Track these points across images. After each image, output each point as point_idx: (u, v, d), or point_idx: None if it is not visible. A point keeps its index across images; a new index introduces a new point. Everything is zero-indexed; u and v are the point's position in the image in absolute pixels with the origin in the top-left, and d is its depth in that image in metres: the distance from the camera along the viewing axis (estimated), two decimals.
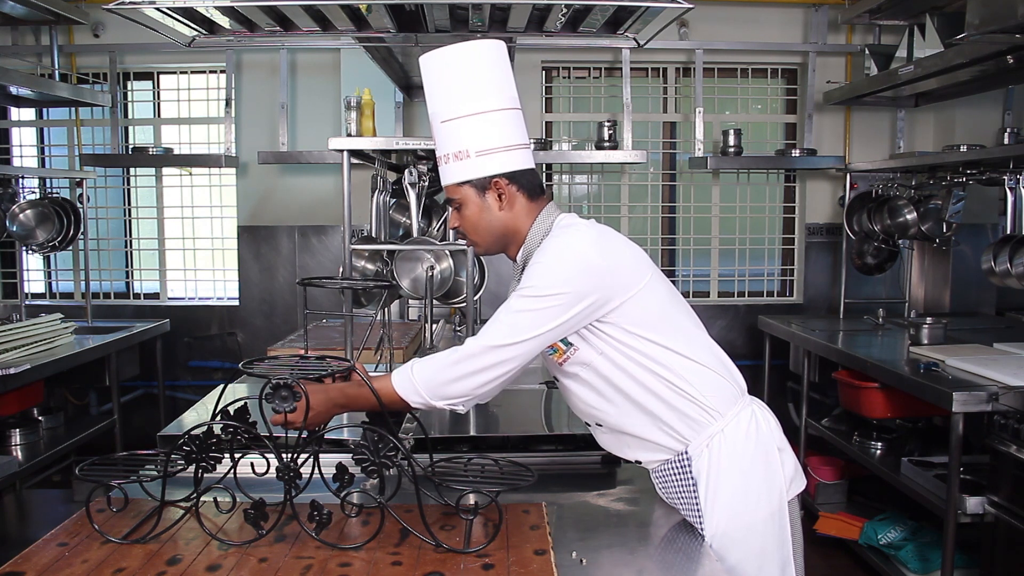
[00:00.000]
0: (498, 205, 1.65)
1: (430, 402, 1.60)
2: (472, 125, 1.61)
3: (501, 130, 1.63)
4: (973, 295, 4.50)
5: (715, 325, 4.99)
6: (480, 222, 1.67)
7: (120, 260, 5.21)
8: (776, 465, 1.68)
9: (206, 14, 2.29)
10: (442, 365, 1.59)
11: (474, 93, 1.61)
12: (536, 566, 1.42)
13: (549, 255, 1.59)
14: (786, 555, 1.67)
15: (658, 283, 1.66)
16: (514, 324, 1.56)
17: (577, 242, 1.59)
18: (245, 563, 1.44)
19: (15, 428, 3.73)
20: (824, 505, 3.97)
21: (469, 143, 1.61)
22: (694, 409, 1.64)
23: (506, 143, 1.63)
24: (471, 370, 1.57)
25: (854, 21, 4.68)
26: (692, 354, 1.65)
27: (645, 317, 1.61)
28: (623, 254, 1.63)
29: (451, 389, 1.59)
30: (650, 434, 1.68)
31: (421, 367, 1.61)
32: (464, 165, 1.62)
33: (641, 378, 1.62)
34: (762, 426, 1.69)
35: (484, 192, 1.64)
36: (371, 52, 3.14)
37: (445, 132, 1.64)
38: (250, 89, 4.87)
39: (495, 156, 1.62)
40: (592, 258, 1.57)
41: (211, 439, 1.61)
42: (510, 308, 1.58)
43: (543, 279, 1.56)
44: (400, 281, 2.77)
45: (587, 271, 1.56)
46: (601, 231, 1.65)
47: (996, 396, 2.72)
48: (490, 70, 1.64)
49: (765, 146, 5.12)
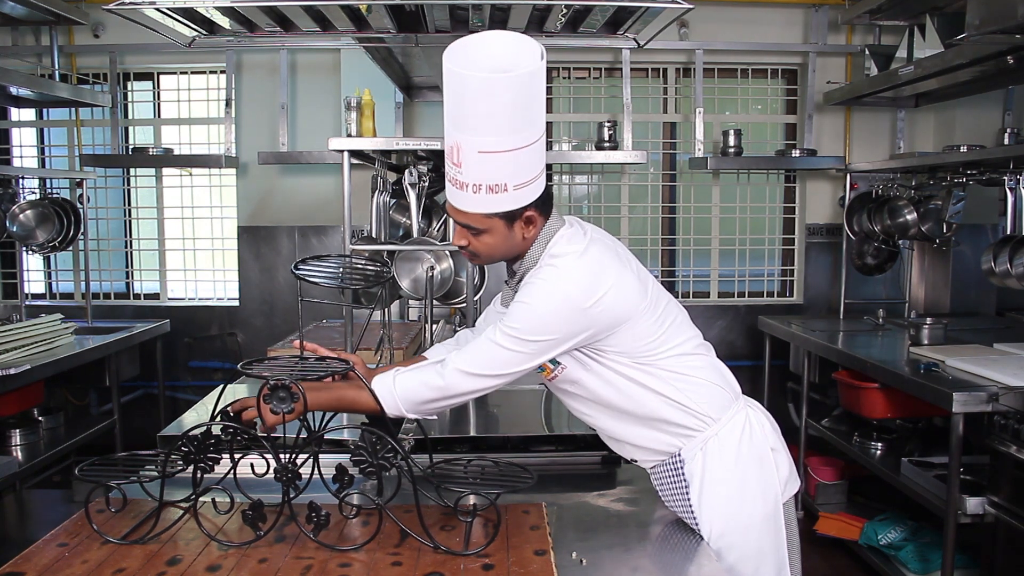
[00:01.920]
0: (523, 232, 1.57)
1: (406, 414, 1.62)
2: (515, 158, 1.47)
3: (539, 159, 1.52)
4: (973, 295, 4.50)
5: (715, 325, 4.99)
6: (499, 247, 1.59)
7: (120, 260, 5.21)
8: (770, 467, 1.68)
9: (206, 14, 2.29)
10: (424, 386, 1.59)
11: (522, 123, 1.45)
12: (536, 566, 1.42)
13: (536, 297, 1.52)
14: (782, 557, 1.67)
15: (652, 308, 1.60)
16: (496, 358, 1.55)
17: (565, 284, 1.52)
18: (245, 563, 1.44)
19: (15, 428, 3.72)
20: (824, 505, 3.97)
21: (509, 177, 1.48)
22: (687, 418, 1.64)
23: (541, 169, 1.53)
24: (450, 394, 1.59)
25: (854, 21, 4.68)
26: (686, 369, 1.64)
27: (636, 344, 1.59)
28: (614, 290, 1.53)
29: (429, 408, 1.63)
30: (644, 440, 1.69)
31: (403, 382, 1.61)
32: (499, 198, 1.50)
33: (632, 393, 1.63)
34: (756, 429, 1.69)
35: (513, 222, 1.55)
36: (371, 52, 3.14)
37: (480, 161, 1.46)
38: (250, 89, 4.87)
39: (530, 186, 1.52)
40: (580, 302, 1.51)
41: (209, 440, 1.61)
42: (495, 341, 1.54)
43: (529, 323, 1.52)
44: (400, 281, 2.77)
45: (574, 316, 1.51)
46: (591, 263, 1.55)
47: (996, 396, 2.72)
48: (538, 91, 1.46)
49: (765, 146, 5.12)
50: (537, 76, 1.44)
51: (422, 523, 1.51)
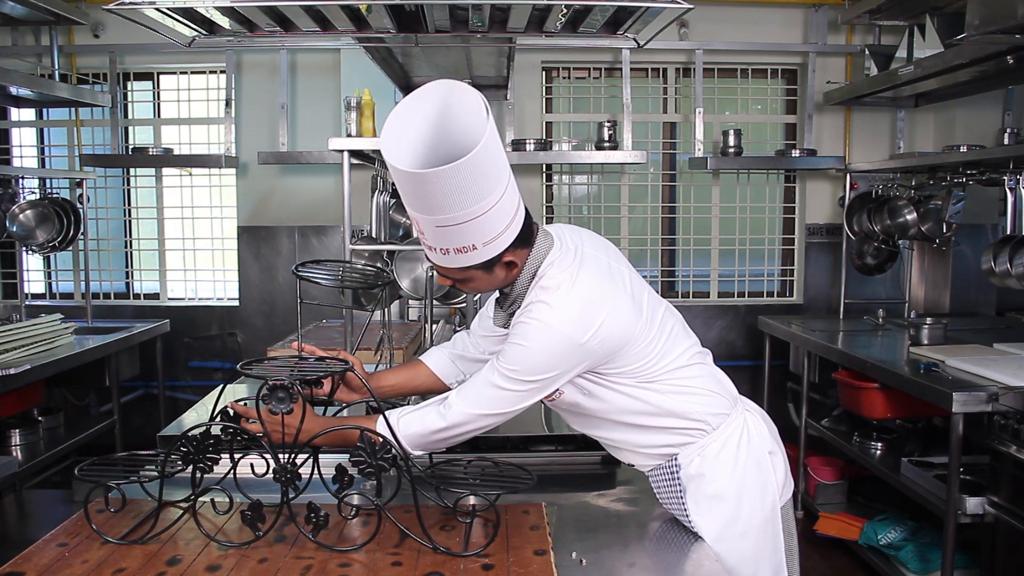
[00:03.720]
0: (505, 272, 1.53)
1: (412, 452, 1.61)
2: (477, 223, 1.40)
3: (507, 211, 1.44)
4: (973, 295, 4.50)
5: (715, 325, 4.99)
6: (484, 287, 1.57)
7: (120, 260, 5.21)
8: (768, 472, 1.68)
9: (206, 14, 2.29)
10: (428, 428, 1.58)
11: (478, 194, 1.36)
12: (536, 566, 1.42)
13: (531, 339, 1.48)
14: (779, 561, 1.67)
15: (647, 326, 1.56)
16: (496, 398, 1.55)
17: (559, 323, 1.47)
18: (244, 564, 1.44)
19: (15, 428, 3.73)
20: (824, 505, 3.97)
21: (475, 238, 1.42)
22: (685, 426, 1.64)
23: (508, 219, 1.45)
24: (454, 434, 1.59)
25: (854, 21, 4.68)
26: (684, 382, 1.63)
27: (634, 364, 1.57)
28: (609, 319, 1.49)
29: (434, 446, 1.64)
30: (641, 447, 1.70)
31: (408, 423, 1.59)
32: (469, 256, 1.46)
33: (630, 407, 1.63)
34: (753, 433, 1.69)
35: (492, 268, 1.50)
36: (371, 52, 3.14)
37: (441, 232, 1.42)
38: (250, 89, 4.88)
39: (503, 236, 1.46)
40: (576, 338, 1.47)
41: (209, 440, 1.60)
42: (494, 383, 1.54)
43: (525, 364, 1.50)
44: (400, 281, 2.77)
45: (570, 351, 1.49)
46: (583, 293, 1.49)
47: (996, 396, 2.72)
48: (490, 154, 1.36)
49: (765, 146, 5.12)
50: (487, 145, 1.34)
51: (421, 523, 1.51)
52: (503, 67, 3.75)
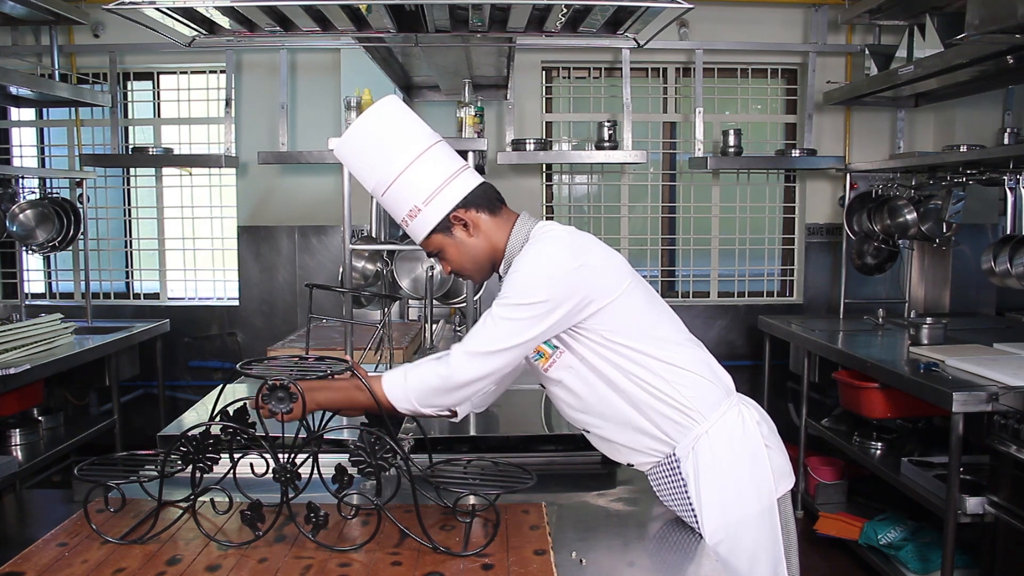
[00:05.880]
0: (467, 234, 1.68)
1: (420, 410, 1.63)
2: (406, 182, 1.63)
3: (434, 169, 1.65)
4: (973, 295, 4.50)
5: (715, 325, 4.99)
6: (462, 257, 1.70)
7: (120, 260, 5.21)
8: (763, 463, 1.69)
9: (206, 14, 2.29)
10: (432, 376, 1.61)
11: (393, 153, 1.64)
12: (536, 566, 1.42)
13: (526, 263, 1.60)
14: (778, 554, 1.68)
15: (637, 289, 1.67)
16: (497, 333, 1.58)
17: (553, 248, 1.61)
18: (244, 563, 1.44)
19: (15, 428, 3.72)
20: (824, 505, 3.97)
21: (413, 198, 1.64)
22: (677, 414, 1.65)
23: (444, 176, 1.65)
24: (457, 382, 1.59)
25: (854, 21, 4.68)
26: (674, 359, 1.66)
27: (625, 323, 1.63)
28: (600, 258, 1.64)
29: (441, 400, 1.63)
30: (636, 442, 1.70)
31: (415, 376, 1.62)
32: (420, 220, 1.65)
33: (622, 385, 1.64)
34: (749, 425, 1.70)
35: (450, 231, 1.67)
36: (371, 52, 3.14)
37: (389, 201, 1.67)
38: (250, 89, 4.88)
39: (441, 195, 1.64)
40: (568, 263, 1.58)
41: (208, 440, 1.61)
42: (493, 316, 1.59)
43: (522, 288, 1.57)
44: (400, 281, 2.77)
45: (565, 276, 1.57)
46: (577, 236, 1.67)
47: (996, 396, 2.72)
48: (397, 126, 1.67)
49: (765, 146, 5.12)
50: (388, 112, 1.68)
51: (421, 523, 1.51)
52: (503, 67, 3.75)
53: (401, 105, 1.71)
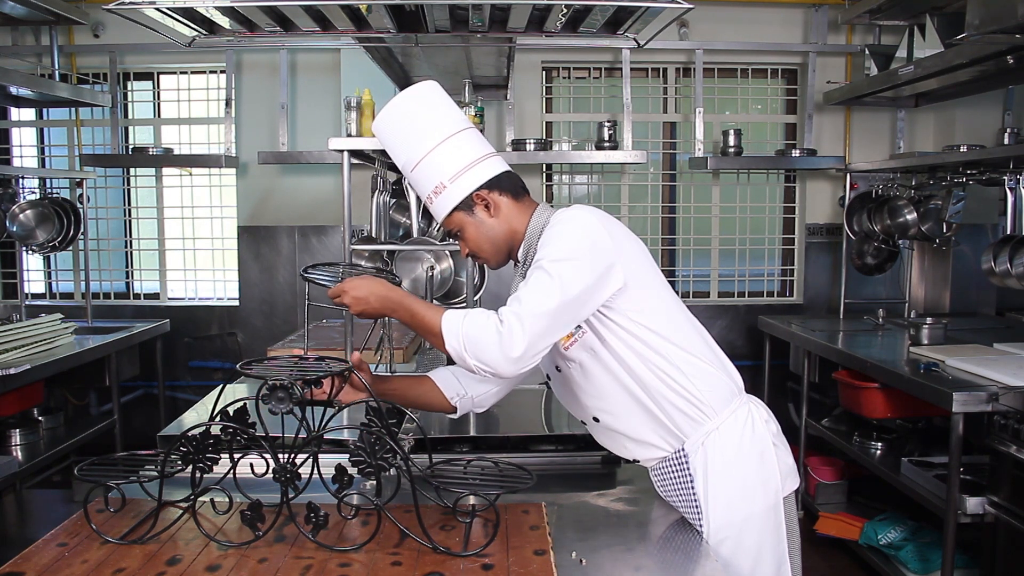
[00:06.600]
0: (487, 215, 1.71)
1: (464, 356, 1.55)
2: (435, 159, 1.68)
3: (462, 150, 1.70)
4: (973, 295, 4.50)
5: (715, 325, 4.99)
6: (480, 237, 1.72)
7: (120, 260, 5.21)
8: (771, 462, 1.69)
9: (206, 14, 2.29)
10: (486, 326, 1.54)
11: (426, 132, 1.69)
12: (536, 566, 1.42)
13: (559, 229, 1.62)
14: (781, 552, 1.68)
15: (659, 276, 1.71)
16: (533, 296, 1.53)
17: (583, 217, 1.63)
18: (244, 563, 1.44)
19: (15, 428, 3.73)
20: (824, 505, 3.97)
21: (440, 175, 1.68)
22: (690, 408, 1.65)
23: (471, 158, 1.69)
24: (508, 337, 1.51)
25: (854, 21, 4.68)
26: (691, 348, 1.68)
27: (648, 306, 1.64)
28: (627, 235, 1.68)
29: (485, 353, 1.53)
30: (645, 434, 1.70)
31: (472, 322, 1.55)
32: (445, 196, 1.69)
33: (639, 371, 1.64)
34: (757, 424, 1.70)
35: (472, 210, 1.70)
36: (371, 52, 3.14)
37: (418, 177, 1.72)
38: (250, 89, 4.87)
39: (467, 175, 1.68)
40: (599, 230, 1.60)
41: (209, 440, 1.60)
42: (528, 282, 1.57)
43: (561, 245, 1.58)
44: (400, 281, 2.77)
45: (597, 241, 1.59)
46: (601, 212, 1.70)
47: (996, 396, 2.72)
48: (432, 108, 1.73)
49: (765, 146, 5.12)
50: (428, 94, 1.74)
51: (421, 523, 1.51)
52: (503, 67, 3.75)
53: (439, 90, 1.77)
